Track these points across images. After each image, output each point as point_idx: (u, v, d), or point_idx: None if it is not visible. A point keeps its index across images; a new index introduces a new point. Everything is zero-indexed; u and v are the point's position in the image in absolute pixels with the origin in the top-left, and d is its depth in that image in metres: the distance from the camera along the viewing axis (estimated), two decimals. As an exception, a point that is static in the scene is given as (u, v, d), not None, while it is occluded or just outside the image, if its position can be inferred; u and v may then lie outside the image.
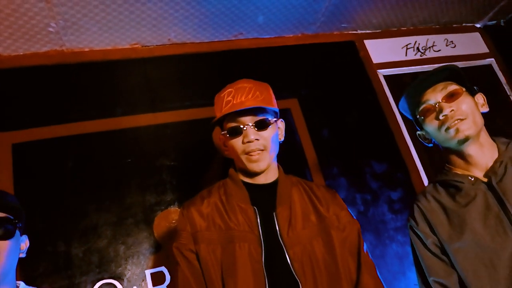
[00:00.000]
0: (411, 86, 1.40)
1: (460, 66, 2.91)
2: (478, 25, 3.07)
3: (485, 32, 3.05)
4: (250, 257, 1.25)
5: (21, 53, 2.06)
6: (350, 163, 2.37)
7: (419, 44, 2.87)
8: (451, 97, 1.31)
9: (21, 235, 1.27)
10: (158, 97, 2.22)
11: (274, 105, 1.41)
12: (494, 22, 3.03)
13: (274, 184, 1.40)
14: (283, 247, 1.27)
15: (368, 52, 2.73)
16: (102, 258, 1.82)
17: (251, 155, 1.33)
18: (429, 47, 2.90)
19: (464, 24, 3.04)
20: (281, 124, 1.46)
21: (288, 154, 2.25)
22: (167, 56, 2.33)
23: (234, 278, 1.23)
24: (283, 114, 2.35)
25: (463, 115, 1.28)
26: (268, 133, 1.35)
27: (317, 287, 1.23)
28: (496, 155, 1.31)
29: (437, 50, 2.91)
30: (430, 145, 1.46)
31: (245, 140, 1.33)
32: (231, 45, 2.47)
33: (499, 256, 1.19)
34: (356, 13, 2.58)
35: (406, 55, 2.82)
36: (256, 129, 1.33)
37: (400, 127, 2.53)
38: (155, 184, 1.99)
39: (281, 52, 2.57)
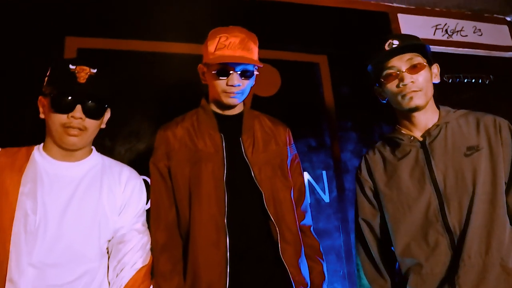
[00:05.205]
0: (380, 51, 1.47)
1: (482, 54, 3.06)
2: (508, 18, 3.18)
3: (513, 26, 3.16)
4: (213, 175, 1.49)
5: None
6: (363, 121, 2.60)
7: (448, 26, 3.01)
8: (414, 68, 1.43)
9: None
10: (199, 31, 2.44)
11: (257, 58, 1.57)
12: (525, 18, 3.12)
13: (240, 115, 1.63)
14: (249, 165, 1.52)
15: (399, 25, 2.88)
16: (139, 157, 2.10)
17: (230, 95, 1.52)
18: (457, 31, 3.03)
19: (495, 15, 3.15)
20: (256, 72, 1.61)
21: (311, 102, 2.53)
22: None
23: (198, 192, 1.48)
24: (311, 67, 2.60)
25: (419, 87, 1.42)
26: (248, 82, 1.55)
27: (273, 196, 1.52)
28: (436, 120, 1.48)
29: (464, 35, 3.04)
30: (384, 101, 1.60)
31: (229, 83, 1.50)
32: (275, -5, 2.64)
33: (416, 202, 1.40)
34: (395, -14, 2.72)
35: (434, 35, 2.97)
36: (241, 77, 1.51)
37: (414, 98, 2.72)
38: (193, 104, 2.25)
39: (319, 10, 2.75)
